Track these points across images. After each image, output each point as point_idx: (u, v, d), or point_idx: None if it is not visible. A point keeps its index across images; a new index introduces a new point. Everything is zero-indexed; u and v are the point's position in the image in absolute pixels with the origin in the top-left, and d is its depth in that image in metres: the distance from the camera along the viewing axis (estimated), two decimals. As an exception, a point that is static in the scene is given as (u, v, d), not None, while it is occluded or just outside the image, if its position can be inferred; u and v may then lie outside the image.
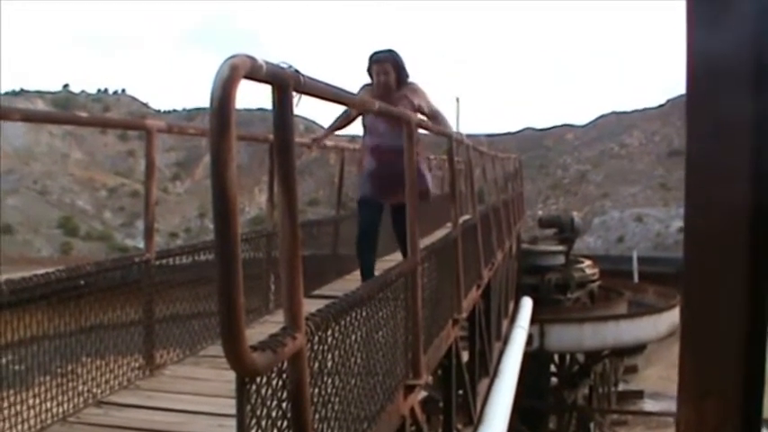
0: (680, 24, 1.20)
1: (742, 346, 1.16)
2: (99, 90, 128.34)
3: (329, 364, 3.00)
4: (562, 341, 18.61)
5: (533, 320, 16.27)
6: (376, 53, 6.87)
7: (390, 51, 6.90)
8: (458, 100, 47.92)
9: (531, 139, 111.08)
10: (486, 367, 9.83)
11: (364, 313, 3.58)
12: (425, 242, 5.79)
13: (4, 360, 4.01)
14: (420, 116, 6.38)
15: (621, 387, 26.61)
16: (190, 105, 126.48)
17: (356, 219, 7.44)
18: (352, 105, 4.58)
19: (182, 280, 5.68)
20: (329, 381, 3.02)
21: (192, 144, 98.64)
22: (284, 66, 2.33)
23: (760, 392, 1.16)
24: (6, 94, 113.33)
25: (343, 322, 3.18)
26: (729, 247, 1.15)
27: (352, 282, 7.34)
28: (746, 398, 1.16)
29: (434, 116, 6.93)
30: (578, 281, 21.78)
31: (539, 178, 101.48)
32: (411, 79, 7.02)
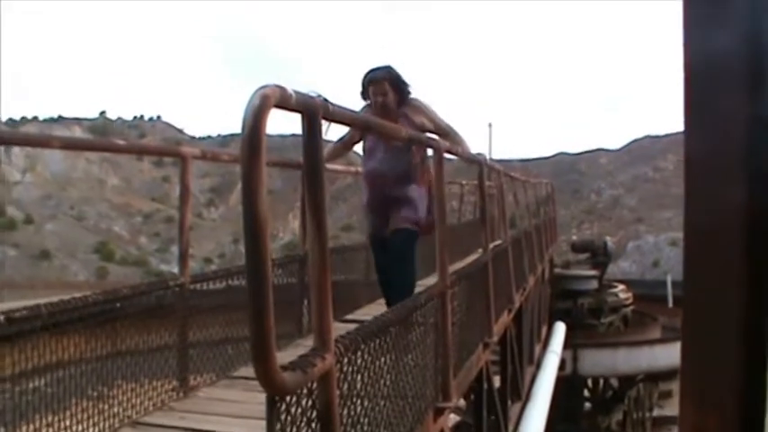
0: (677, 24, 1.21)
1: (742, 347, 1.17)
2: (135, 117, 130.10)
3: (358, 385, 3.05)
4: (595, 366, 18.52)
5: (566, 345, 16.21)
6: (371, 71, 6.15)
7: (387, 68, 6.16)
8: (490, 125, 47.85)
9: (564, 164, 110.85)
10: (518, 392, 9.82)
11: (393, 336, 3.63)
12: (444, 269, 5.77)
13: (42, 381, 4.10)
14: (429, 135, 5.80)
15: (656, 412, 26.32)
16: (224, 131, 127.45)
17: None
18: (380, 132, 4.63)
19: (215, 304, 5.75)
20: (358, 402, 3.08)
21: (227, 170, 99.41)
22: (313, 95, 2.41)
23: (761, 394, 1.17)
24: (45, 120, 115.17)
25: (372, 344, 3.24)
26: (729, 246, 1.16)
27: (383, 307, 7.37)
28: (747, 399, 1.17)
29: (445, 133, 6.09)
30: (612, 305, 21.67)
31: (573, 203, 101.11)
32: (414, 95, 6.26)
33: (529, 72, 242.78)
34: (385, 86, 6.05)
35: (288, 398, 2.24)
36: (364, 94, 6.16)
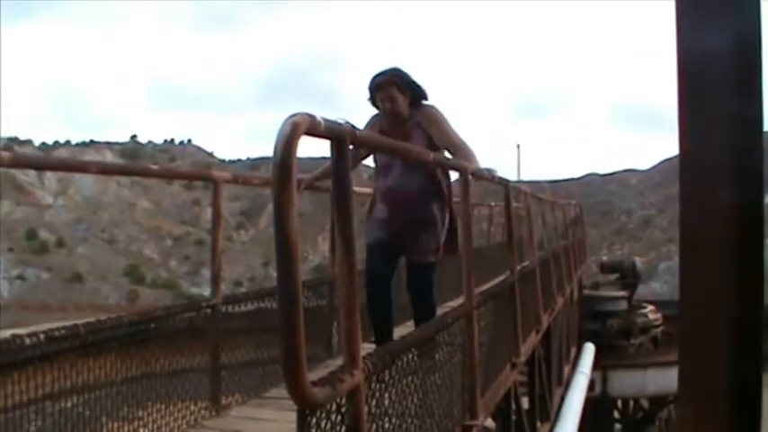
0: (671, 26, 1.23)
1: (737, 346, 1.19)
2: (165, 140, 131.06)
3: (386, 402, 3.13)
4: (625, 387, 18.44)
5: (596, 366, 16.14)
6: (376, 76, 5.58)
7: (393, 71, 5.58)
8: (518, 146, 47.82)
9: (594, 185, 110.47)
10: (546, 412, 9.82)
11: (420, 354, 3.71)
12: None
13: (77, 400, 4.20)
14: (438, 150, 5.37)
15: (689, 435, 26.04)
16: (254, 155, 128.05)
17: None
18: (407, 156, 4.70)
19: (247, 326, 5.84)
20: (386, 419, 3.16)
21: (257, 193, 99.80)
22: (341, 122, 2.52)
23: (756, 388, 1.19)
24: (77, 145, 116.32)
25: (399, 362, 3.33)
26: (722, 246, 1.19)
27: (411, 329, 7.43)
28: (742, 397, 1.19)
29: (457, 149, 5.49)
30: (641, 326, 21.53)
31: (603, 224, 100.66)
32: (430, 102, 5.69)
33: (557, 92, 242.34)
34: (393, 91, 5.53)
35: (318, 412, 2.33)
36: (373, 101, 5.66)
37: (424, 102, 5.67)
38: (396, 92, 5.51)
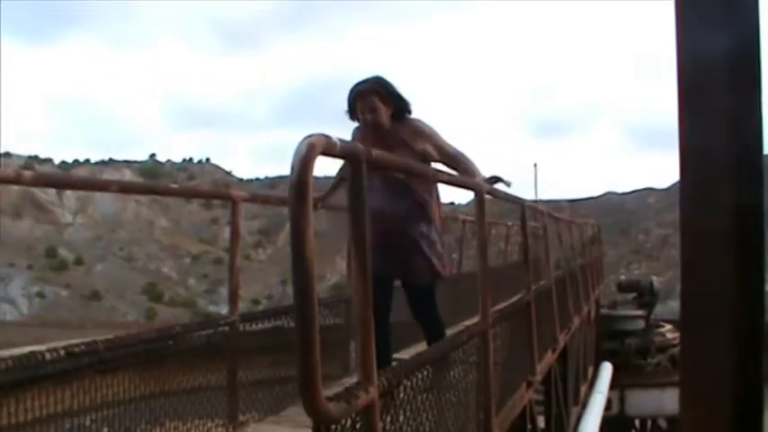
0: (671, 24, 1.24)
1: (737, 344, 1.20)
2: (184, 159, 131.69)
3: (401, 418, 3.17)
4: (643, 406, 18.37)
5: (613, 385, 16.10)
6: (357, 85, 5.23)
7: (377, 79, 5.23)
8: (535, 166, 47.77)
9: (612, 204, 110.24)
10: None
11: (435, 372, 3.74)
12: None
13: (97, 416, 4.24)
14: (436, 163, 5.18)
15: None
16: (272, 174, 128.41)
17: None
18: (425, 178, 4.70)
19: (265, 344, 5.87)
20: (401, 435, 3.19)
21: (275, 212, 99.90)
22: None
23: (758, 390, 1.20)
24: (96, 163, 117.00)
25: (414, 379, 3.36)
26: (722, 243, 1.20)
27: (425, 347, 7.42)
28: (743, 390, 1.21)
29: (456, 162, 5.26)
30: (659, 345, 21.43)
31: (621, 243, 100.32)
32: (414, 116, 5.35)
33: (575, 111, 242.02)
34: (374, 101, 5.15)
35: (333, 427, 2.37)
36: (351, 114, 5.26)
37: (408, 115, 5.32)
38: (378, 102, 5.16)
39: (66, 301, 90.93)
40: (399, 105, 5.25)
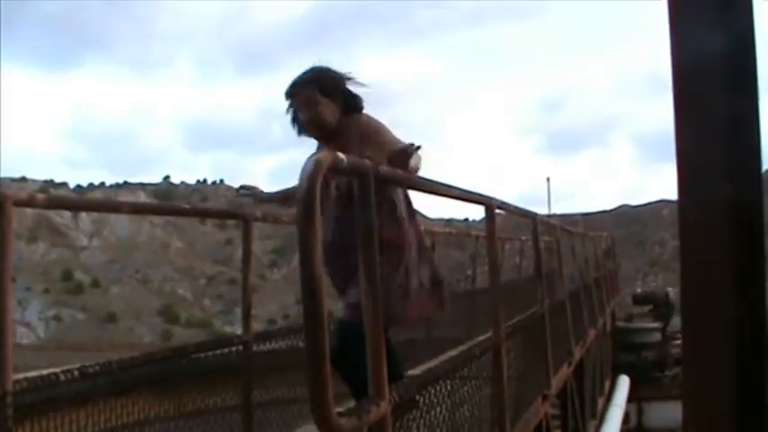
0: (664, 22, 1.22)
1: (738, 343, 1.19)
2: (198, 180, 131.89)
3: (414, 433, 3.17)
4: (661, 419, 18.28)
5: (631, 398, 16.04)
6: (293, 81, 4.16)
7: (316, 69, 4.13)
8: (548, 180, 47.72)
9: (627, 217, 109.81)
10: (580, 446, 9.78)
11: (448, 386, 3.74)
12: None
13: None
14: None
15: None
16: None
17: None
18: (433, 192, 4.18)
19: (279, 363, 5.87)
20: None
21: (289, 232, 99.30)
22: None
23: (761, 388, 1.19)
24: (111, 186, 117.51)
25: (426, 394, 3.36)
26: (720, 244, 1.19)
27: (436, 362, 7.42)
28: (745, 391, 1.19)
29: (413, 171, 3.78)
30: (676, 357, 21.29)
31: (636, 255, 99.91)
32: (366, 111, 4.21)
33: (588, 125, 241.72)
34: (312, 94, 4.05)
35: (345, 442, 2.37)
36: (295, 118, 4.18)
37: (358, 113, 4.17)
38: (318, 95, 4.05)
39: (82, 324, 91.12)
40: (348, 100, 4.14)
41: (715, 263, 1.20)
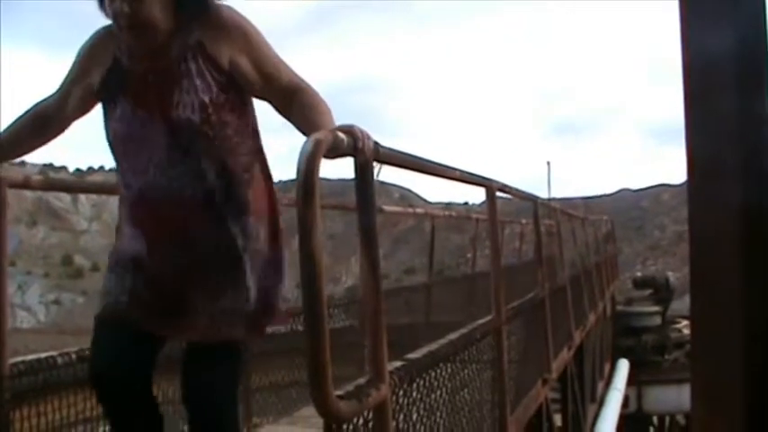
0: (675, 22, 1.21)
1: (748, 346, 1.17)
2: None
3: (414, 416, 3.14)
4: (661, 403, 18.29)
5: (630, 382, 16.05)
6: None
7: None
8: (549, 164, 47.72)
9: (627, 201, 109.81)
10: (579, 430, 9.76)
11: (449, 370, 3.72)
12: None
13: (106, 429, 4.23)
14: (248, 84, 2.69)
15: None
16: (285, 177, 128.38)
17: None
18: (434, 173, 3.53)
19: (279, 347, 5.86)
20: (414, 434, 3.17)
21: (290, 215, 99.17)
22: (365, 139, 2.46)
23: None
24: (111, 170, 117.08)
25: (426, 377, 3.34)
26: (731, 245, 1.17)
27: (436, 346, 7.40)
28: (754, 397, 1.17)
29: (291, 92, 2.72)
30: (675, 341, 21.27)
31: (636, 240, 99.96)
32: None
33: (588, 109, 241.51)
34: None
35: (345, 426, 2.35)
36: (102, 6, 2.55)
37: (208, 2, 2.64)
38: None
39: (82, 307, 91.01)
40: None
41: (726, 261, 1.19)
